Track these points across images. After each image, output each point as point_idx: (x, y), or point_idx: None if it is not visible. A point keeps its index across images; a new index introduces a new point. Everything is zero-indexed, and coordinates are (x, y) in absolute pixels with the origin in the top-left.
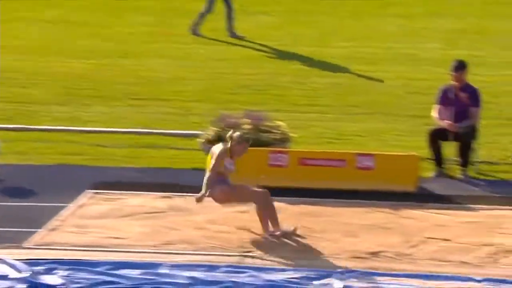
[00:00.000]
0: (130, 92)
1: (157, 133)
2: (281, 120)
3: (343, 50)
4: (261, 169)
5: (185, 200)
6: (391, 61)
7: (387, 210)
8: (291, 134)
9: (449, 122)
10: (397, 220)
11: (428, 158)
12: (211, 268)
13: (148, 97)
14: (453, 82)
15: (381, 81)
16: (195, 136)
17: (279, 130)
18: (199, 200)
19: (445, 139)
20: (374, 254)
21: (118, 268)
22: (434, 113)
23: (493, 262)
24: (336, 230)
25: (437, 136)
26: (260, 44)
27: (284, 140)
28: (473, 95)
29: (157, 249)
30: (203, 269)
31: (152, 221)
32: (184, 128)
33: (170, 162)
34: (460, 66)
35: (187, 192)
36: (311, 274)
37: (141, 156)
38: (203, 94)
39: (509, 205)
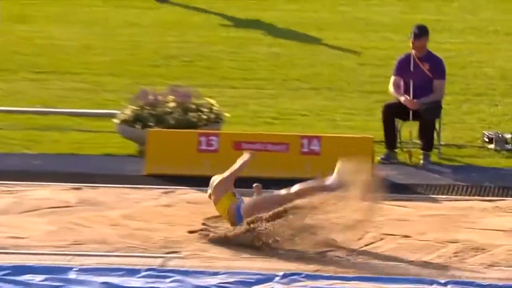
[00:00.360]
0: (29, 64)
1: (63, 113)
2: (211, 97)
3: (283, 13)
4: (190, 155)
5: (98, 192)
6: (340, 27)
7: (336, 202)
8: (223, 114)
9: (408, 98)
10: (348, 213)
11: (383, 141)
12: (129, 272)
13: (51, 70)
14: (413, 51)
15: (329, 50)
16: (109, 116)
17: (210, 109)
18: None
19: (403, 117)
20: (322, 253)
21: (18, 273)
22: (391, 87)
23: (459, 262)
24: None
25: (393, 113)
26: (186, 7)
27: (215, 120)
28: (437, 66)
29: (65, 250)
30: (119, 273)
31: (58, 217)
32: (95, 107)
33: (79, 147)
34: (421, 33)
35: (99, 183)
36: (248, 278)
37: (44, 140)
38: (118, 66)
39: (477, 195)
